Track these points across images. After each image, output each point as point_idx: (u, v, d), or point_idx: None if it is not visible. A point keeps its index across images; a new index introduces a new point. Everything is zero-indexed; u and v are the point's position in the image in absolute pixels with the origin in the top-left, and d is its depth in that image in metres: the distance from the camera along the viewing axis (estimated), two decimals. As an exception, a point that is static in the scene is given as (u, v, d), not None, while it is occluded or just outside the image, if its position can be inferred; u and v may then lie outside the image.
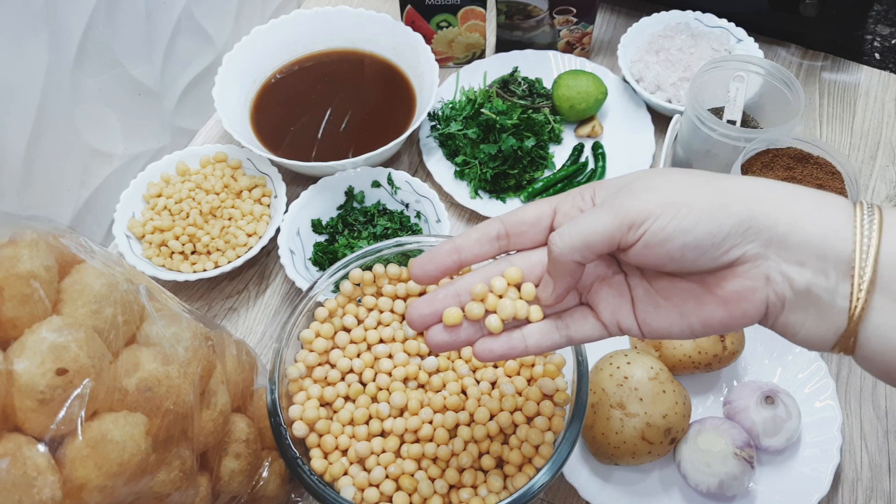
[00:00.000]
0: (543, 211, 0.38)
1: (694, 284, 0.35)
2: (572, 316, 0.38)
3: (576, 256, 0.34)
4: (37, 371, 0.36)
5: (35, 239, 0.40)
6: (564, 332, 0.38)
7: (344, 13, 0.83)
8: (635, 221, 0.33)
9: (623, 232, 0.33)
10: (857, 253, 0.31)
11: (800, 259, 0.32)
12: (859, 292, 0.31)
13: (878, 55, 0.90)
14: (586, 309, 0.38)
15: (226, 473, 0.49)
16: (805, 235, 0.32)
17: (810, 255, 0.32)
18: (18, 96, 0.60)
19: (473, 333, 0.38)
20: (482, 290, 0.38)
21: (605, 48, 0.90)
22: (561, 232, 0.35)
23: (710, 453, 0.56)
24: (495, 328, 0.37)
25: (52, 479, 0.35)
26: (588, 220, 0.34)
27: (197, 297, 0.73)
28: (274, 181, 0.75)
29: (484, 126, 0.77)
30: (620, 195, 0.34)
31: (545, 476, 0.46)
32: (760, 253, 0.32)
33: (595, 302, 0.38)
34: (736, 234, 0.32)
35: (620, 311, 0.37)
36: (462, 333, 0.38)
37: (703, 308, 0.34)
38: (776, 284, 0.33)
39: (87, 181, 0.71)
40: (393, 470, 0.49)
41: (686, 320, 0.35)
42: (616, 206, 0.34)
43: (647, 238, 0.33)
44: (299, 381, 0.52)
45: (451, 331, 0.38)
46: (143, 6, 0.70)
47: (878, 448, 0.62)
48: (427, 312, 0.38)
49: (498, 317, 0.37)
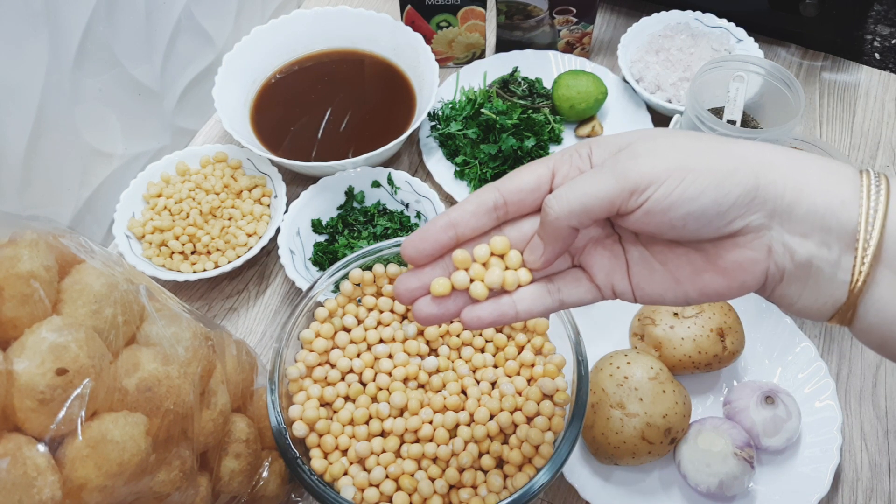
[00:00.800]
0: (541, 175, 0.35)
1: (692, 251, 0.34)
2: (564, 279, 0.37)
3: (572, 222, 0.33)
4: (37, 371, 0.36)
5: (35, 239, 0.40)
6: (556, 295, 0.36)
7: (344, 13, 0.83)
8: (638, 187, 0.31)
9: (624, 198, 0.32)
10: (863, 225, 0.30)
11: (803, 231, 0.31)
12: (862, 265, 0.30)
13: (878, 55, 0.90)
14: (579, 271, 0.37)
15: (226, 473, 0.49)
16: (810, 206, 0.31)
17: (815, 227, 0.31)
18: (18, 96, 0.60)
19: (463, 304, 0.36)
20: (464, 257, 0.35)
21: (605, 48, 0.90)
22: (558, 195, 0.33)
23: (710, 453, 0.56)
24: (480, 295, 0.35)
25: (52, 479, 0.35)
26: (587, 183, 0.33)
27: (197, 297, 0.72)
28: (274, 181, 0.75)
29: (484, 126, 0.77)
30: (622, 158, 0.32)
31: (545, 476, 0.46)
32: (764, 223, 0.31)
33: (588, 264, 0.36)
34: (741, 203, 0.31)
35: (615, 274, 0.36)
36: (451, 304, 0.36)
37: (701, 276, 0.34)
38: (777, 256, 0.32)
39: (87, 181, 0.71)
40: (393, 470, 0.49)
41: (681, 287, 0.34)
42: (618, 169, 0.32)
43: (650, 206, 0.31)
44: (299, 381, 0.52)
45: (440, 302, 0.36)
46: (143, 6, 0.70)
47: (878, 448, 0.62)
48: (414, 286, 0.36)
49: (483, 283, 0.35)
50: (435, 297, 0.36)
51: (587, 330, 0.62)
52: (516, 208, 0.36)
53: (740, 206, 0.31)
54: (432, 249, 0.35)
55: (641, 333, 0.62)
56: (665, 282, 0.34)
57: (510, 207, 0.35)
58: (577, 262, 0.37)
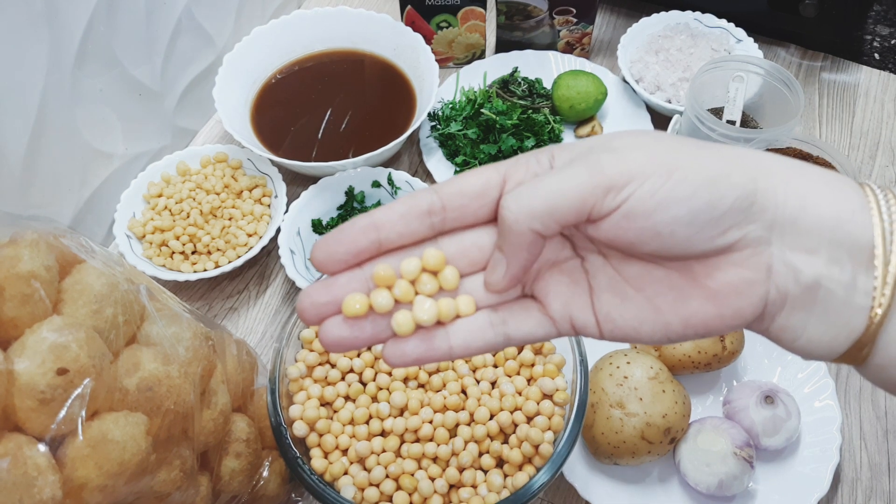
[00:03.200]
0: (490, 179, 0.29)
1: (674, 273, 0.28)
2: (510, 309, 0.30)
3: (535, 225, 0.27)
4: (37, 371, 0.36)
5: (36, 239, 0.40)
6: (501, 328, 0.30)
7: (344, 13, 0.83)
8: (615, 184, 0.26)
9: (598, 196, 0.26)
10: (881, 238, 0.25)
11: (809, 246, 0.26)
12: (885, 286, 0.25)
13: (877, 55, 0.90)
14: (530, 301, 0.30)
15: (226, 473, 0.49)
16: (817, 217, 0.26)
17: (822, 240, 0.26)
18: (19, 96, 0.60)
19: (383, 328, 0.29)
20: (387, 273, 0.28)
21: (605, 48, 0.90)
22: (517, 194, 0.27)
23: (710, 453, 0.56)
24: (403, 330, 0.28)
25: (53, 478, 0.35)
26: (552, 179, 0.27)
27: (197, 297, 0.73)
28: (274, 181, 0.75)
29: (484, 126, 0.77)
30: (595, 151, 0.27)
31: (545, 475, 0.46)
32: (763, 236, 0.26)
33: (542, 292, 0.30)
34: (738, 210, 0.26)
35: (575, 302, 0.29)
36: (368, 328, 0.28)
37: (686, 303, 0.28)
38: (778, 276, 0.26)
39: (87, 181, 0.71)
40: (393, 469, 0.49)
41: (661, 318, 0.28)
42: (591, 163, 0.27)
43: (631, 205, 0.26)
44: (299, 380, 0.53)
45: (353, 324, 0.28)
46: (143, 6, 0.70)
47: (877, 448, 0.62)
48: (323, 300, 0.28)
49: (409, 315, 0.28)
50: (347, 317, 0.28)
51: (587, 330, 0.62)
52: (456, 216, 0.29)
53: (736, 212, 0.26)
54: (347, 254, 0.28)
55: (641, 333, 0.62)
56: (641, 311, 0.29)
57: (449, 214, 0.29)
58: (529, 291, 0.30)
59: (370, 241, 0.29)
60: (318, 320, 0.29)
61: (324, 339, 0.28)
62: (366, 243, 0.29)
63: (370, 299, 0.28)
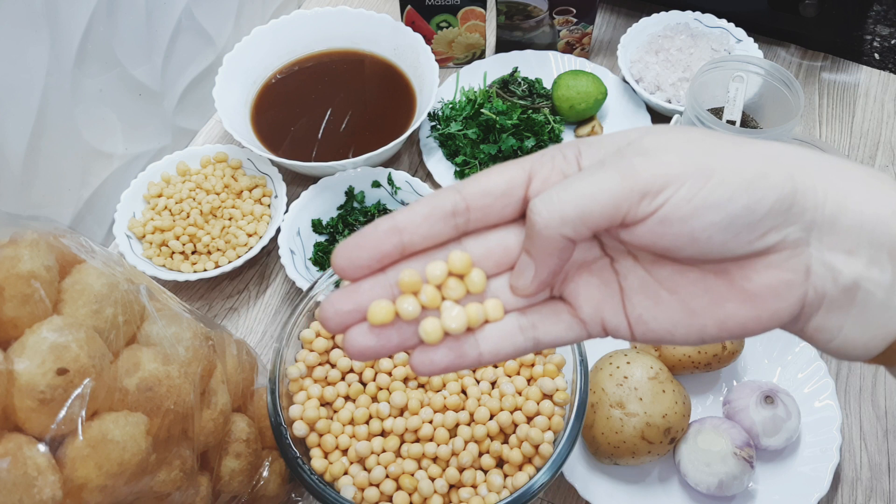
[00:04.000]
0: (514, 177, 0.28)
1: (709, 275, 0.27)
2: (540, 312, 0.29)
3: (566, 231, 0.26)
4: (37, 371, 0.36)
5: (36, 239, 0.40)
6: (530, 333, 0.29)
7: (344, 13, 0.83)
8: (651, 189, 0.25)
9: (633, 202, 0.25)
10: None
11: (849, 247, 0.26)
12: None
13: (877, 55, 0.90)
14: (560, 304, 0.30)
15: (226, 473, 0.49)
16: (857, 217, 0.25)
17: (862, 241, 0.25)
18: (19, 96, 0.60)
19: (410, 335, 0.28)
20: (412, 279, 0.27)
21: (605, 48, 0.90)
22: (547, 198, 0.26)
23: (710, 453, 0.56)
24: (432, 338, 0.27)
25: (53, 478, 0.35)
26: (584, 183, 0.26)
27: (197, 297, 0.73)
28: (274, 181, 0.75)
29: (484, 126, 0.77)
30: (627, 153, 0.26)
31: (545, 475, 0.46)
32: (801, 238, 0.26)
33: (572, 295, 0.29)
34: (777, 212, 0.25)
35: (606, 305, 0.29)
36: (394, 336, 0.28)
37: (722, 306, 0.27)
38: (817, 278, 0.26)
39: (87, 181, 0.71)
40: (393, 469, 0.49)
41: (697, 320, 0.28)
42: (624, 167, 0.26)
43: (667, 211, 0.25)
44: (299, 380, 0.53)
45: (380, 333, 0.27)
46: (143, 6, 0.70)
47: (877, 448, 0.62)
48: (347, 308, 0.27)
49: (438, 322, 0.28)
50: (373, 325, 0.27)
51: (587, 330, 0.62)
52: (481, 216, 0.28)
53: (776, 214, 0.25)
54: (370, 259, 0.27)
55: (641, 333, 0.62)
56: (675, 314, 0.28)
57: (473, 215, 0.28)
58: (558, 293, 0.30)
59: (393, 245, 0.28)
60: (342, 329, 0.28)
61: (349, 348, 0.28)
62: (389, 247, 0.28)
63: (396, 306, 0.27)
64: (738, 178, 0.25)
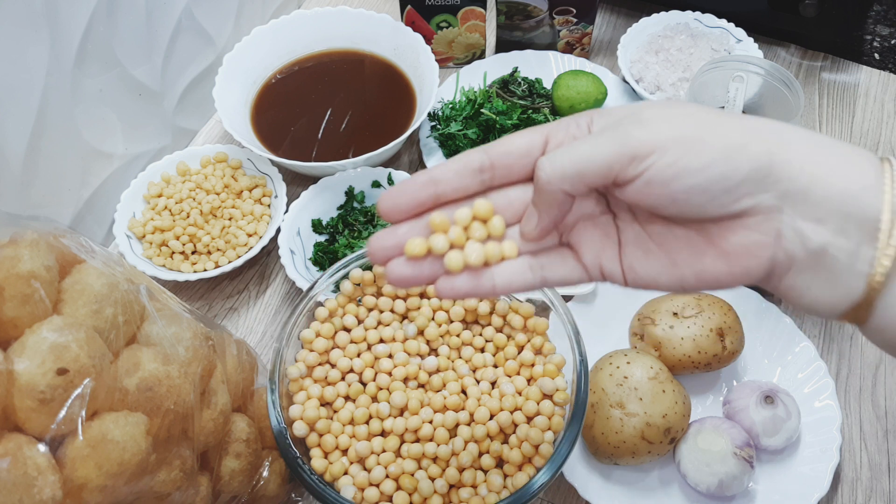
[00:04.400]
0: (534, 140, 0.33)
1: (692, 232, 0.31)
2: (549, 255, 0.34)
3: (565, 186, 0.31)
4: (37, 371, 0.36)
5: (36, 239, 0.40)
6: (539, 272, 0.34)
7: (344, 13, 0.83)
8: (639, 153, 0.29)
9: (623, 164, 0.30)
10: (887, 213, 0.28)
11: (819, 216, 0.29)
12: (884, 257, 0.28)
13: (877, 55, 0.90)
14: (566, 250, 0.35)
15: (226, 473, 0.49)
16: (829, 190, 0.28)
17: (832, 212, 0.28)
18: (19, 96, 0.60)
19: (439, 269, 0.33)
20: (443, 220, 0.33)
21: (605, 48, 0.90)
22: (551, 157, 0.31)
23: (710, 453, 0.56)
24: (454, 266, 0.33)
25: (53, 478, 0.35)
26: (584, 146, 0.31)
27: (197, 297, 0.73)
28: (274, 181, 0.75)
29: (484, 126, 0.77)
30: (625, 122, 0.30)
31: (545, 475, 0.46)
32: (775, 205, 0.29)
33: (577, 242, 0.34)
34: (752, 180, 0.29)
35: (605, 253, 0.34)
36: (426, 268, 0.33)
37: (700, 260, 0.31)
38: (787, 241, 0.29)
39: (87, 181, 0.71)
40: (393, 469, 0.49)
41: (678, 271, 0.32)
42: (619, 133, 0.30)
43: (651, 174, 0.29)
44: (299, 380, 0.53)
45: (414, 264, 0.33)
46: (143, 6, 0.70)
47: (877, 448, 0.62)
48: (389, 244, 0.33)
49: (460, 254, 0.33)
50: (409, 258, 0.33)
51: (587, 330, 0.62)
52: (504, 173, 0.34)
53: (750, 182, 0.29)
54: (409, 205, 0.33)
55: (641, 333, 0.62)
56: (660, 264, 0.32)
57: (497, 172, 0.33)
58: (566, 241, 0.35)
59: (429, 195, 0.33)
60: (385, 261, 0.33)
61: (390, 276, 0.33)
62: (425, 196, 0.33)
63: (429, 243, 0.33)
64: (719, 146, 0.29)
